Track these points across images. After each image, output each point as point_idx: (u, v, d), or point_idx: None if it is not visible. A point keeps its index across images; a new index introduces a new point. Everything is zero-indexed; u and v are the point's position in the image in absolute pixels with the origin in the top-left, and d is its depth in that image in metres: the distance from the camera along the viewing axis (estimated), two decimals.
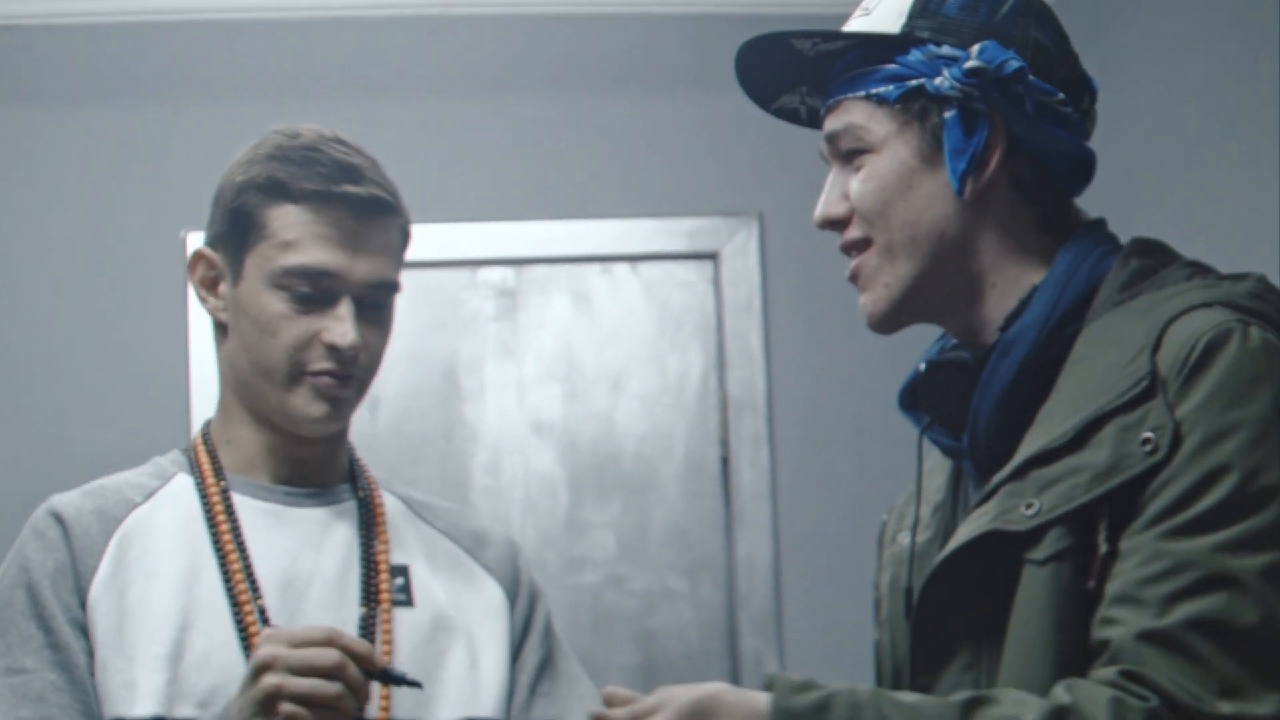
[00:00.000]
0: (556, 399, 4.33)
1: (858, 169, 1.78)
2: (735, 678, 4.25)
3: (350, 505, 2.03)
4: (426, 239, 4.29)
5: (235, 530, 1.96)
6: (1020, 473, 1.63)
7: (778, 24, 1.80)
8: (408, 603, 1.99)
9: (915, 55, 1.75)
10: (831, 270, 4.31)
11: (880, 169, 1.76)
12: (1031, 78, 1.72)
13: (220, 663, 1.88)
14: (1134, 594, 1.54)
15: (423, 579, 2.02)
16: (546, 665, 2.06)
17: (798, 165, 4.41)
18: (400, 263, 2.02)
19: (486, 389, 4.32)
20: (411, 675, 1.85)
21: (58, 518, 1.93)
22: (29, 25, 4.25)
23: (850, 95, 1.78)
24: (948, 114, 1.73)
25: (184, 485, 2.00)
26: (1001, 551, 1.62)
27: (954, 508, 1.84)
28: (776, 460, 4.34)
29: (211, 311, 2.02)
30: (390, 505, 2.08)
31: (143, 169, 4.26)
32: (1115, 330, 1.67)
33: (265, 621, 1.90)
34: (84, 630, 1.89)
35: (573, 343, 4.36)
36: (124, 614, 1.90)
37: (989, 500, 1.65)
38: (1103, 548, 1.57)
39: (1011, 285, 1.75)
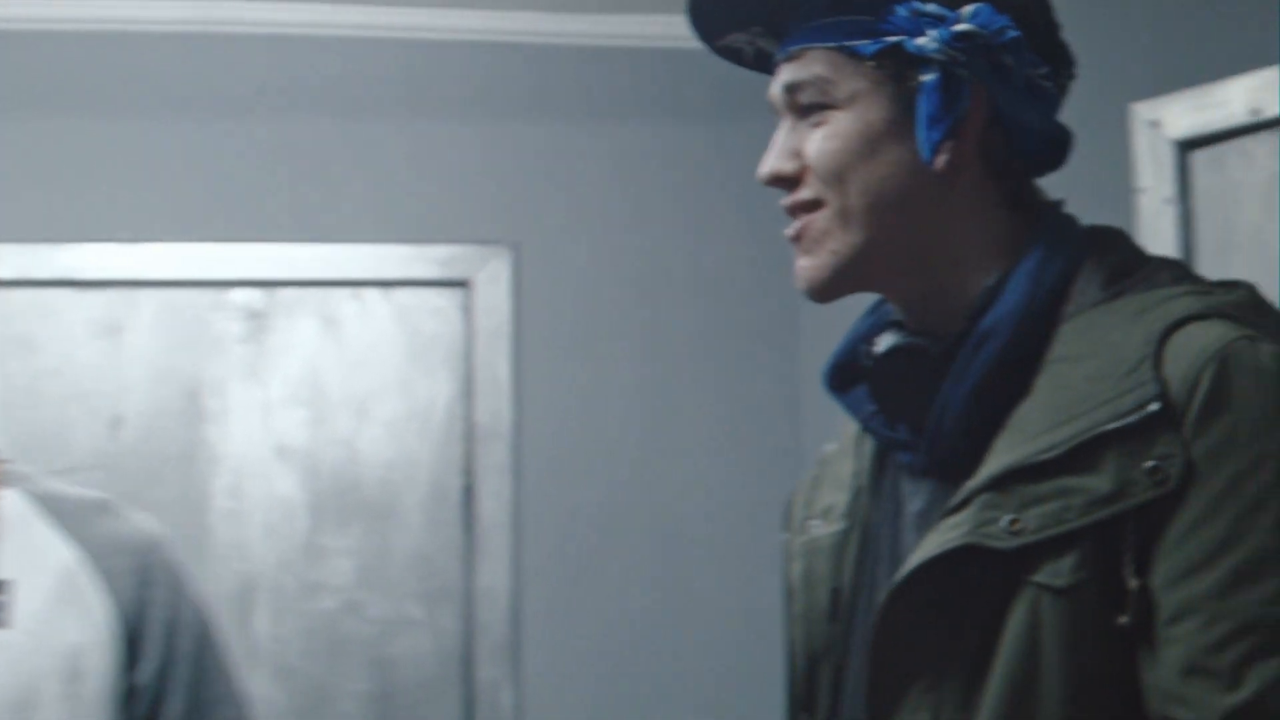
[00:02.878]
0: (301, 423, 4.31)
1: (816, 125, 1.62)
2: (469, 706, 4.26)
3: None
4: (174, 258, 4.30)
5: None
6: (1000, 483, 1.48)
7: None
8: (1, 623, 1.90)
9: (898, 9, 1.59)
10: (584, 302, 4.44)
11: (844, 128, 1.60)
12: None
13: None
14: (1204, 665, 1.40)
15: (28, 595, 1.91)
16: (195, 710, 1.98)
17: (554, 197, 4.50)
18: None
19: (230, 411, 4.28)
20: None
21: None
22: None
23: (819, 45, 1.61)
24: (926, 78, 1.58)
25: None
26: (977, 567, 1.47)
27: (877, 500, 1.70)
28: (519, 490, 4.36)
29: None
30: (11, 507, 1.95)
31: None
32: (1101, 331, 1.53)
33: None
34: None
35: (320, 367, 4.34)
36: None
37: (962, 509, 1.50)
38: (1132, 582, 1.43)
39: (975, 263, 1.62)
